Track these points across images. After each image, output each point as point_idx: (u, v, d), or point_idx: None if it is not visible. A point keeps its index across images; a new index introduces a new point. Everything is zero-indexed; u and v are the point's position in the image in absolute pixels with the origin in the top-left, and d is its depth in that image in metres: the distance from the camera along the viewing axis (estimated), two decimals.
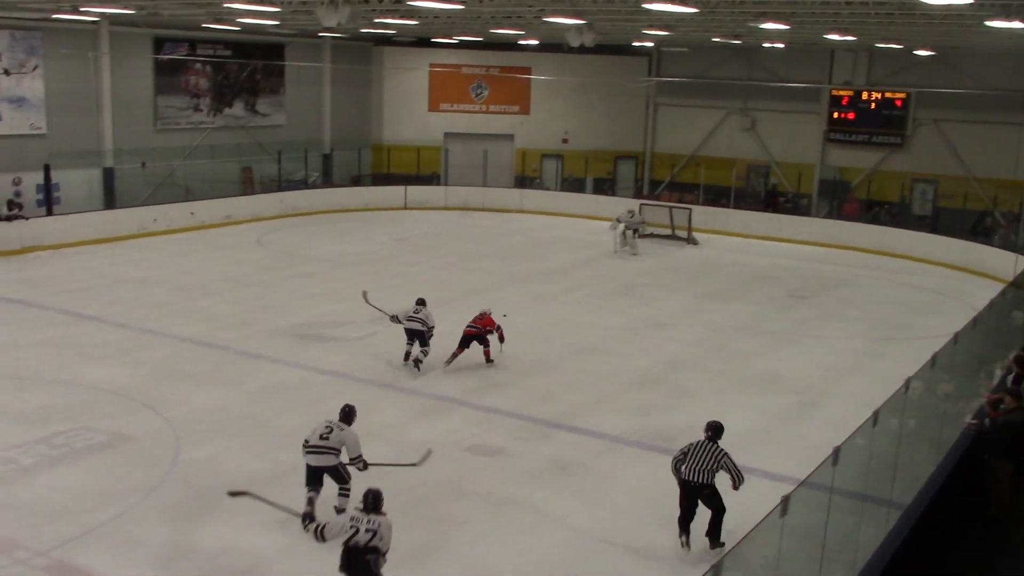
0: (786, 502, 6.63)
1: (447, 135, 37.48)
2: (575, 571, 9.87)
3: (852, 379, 16.58)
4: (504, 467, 12.16)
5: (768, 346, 18.39)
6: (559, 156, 37.75)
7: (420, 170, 36.04)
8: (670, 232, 29.68)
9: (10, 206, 24.47)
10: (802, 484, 7.85)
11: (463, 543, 10.20)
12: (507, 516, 10.86)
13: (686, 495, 10.10)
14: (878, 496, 9.57)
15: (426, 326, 15.45)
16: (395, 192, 33.79)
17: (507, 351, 16.35)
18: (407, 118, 37.81)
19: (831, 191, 34.00)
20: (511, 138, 37.97)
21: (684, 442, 10.64)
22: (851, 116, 33.69)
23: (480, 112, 37.94)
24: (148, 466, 11.71)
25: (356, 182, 35.95)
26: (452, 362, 15.72)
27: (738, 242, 29.82)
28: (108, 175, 28.91)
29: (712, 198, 32.90)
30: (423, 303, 15.80)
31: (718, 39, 27.90)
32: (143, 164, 29.44)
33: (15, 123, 26.46)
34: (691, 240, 29.22)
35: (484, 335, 15.92)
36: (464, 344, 15.76)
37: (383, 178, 36.00)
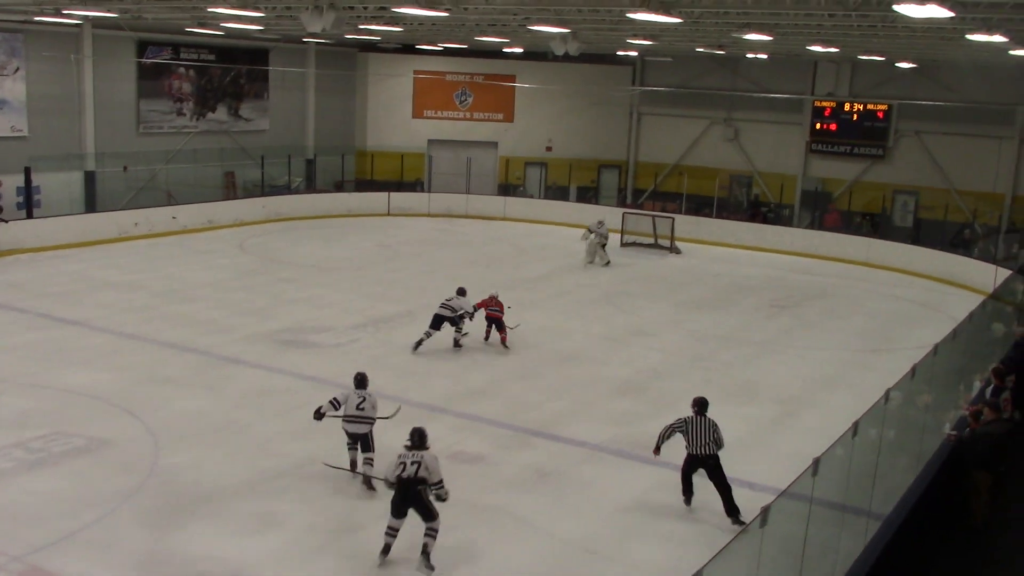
0: (766, 513, 6.64)
1: (431, 142, 37.50)
2: None
3: (833, 389, 16.65)
4: (485, 475, 12.14)
5: (750, 356, 18.44)
6: (543, 164, 37.81)
7: (404, 177, 36.03)
8: (653, 241, 29.75)
9: None
10: (782, 495, 7.85)
11: (442, 551, 10.15)
12: (487, 524, 10.83)
13: (691, 467, 11.26)
14: (858, 507, 9.59)
15: (455, 312, 17.16)
16: (378, 198, 33.74)
17: (488, 359, 16.33)
18: (391, 124, 37.80)
19: (813, 202, 34.17)
20: (495, 145, 38.02)
21: (666, 450, 11.68)
22: (833, 127, 33.90)
23: (464, 119, 37.99)
24: (127, 471, 11.63)
25: (339, 188, 35.90)
26: (458, 343, 17.58)
27: (721, 252, 29.92)
28: (89, 178, 28.76)
29: (695, 207, 32.99)
30: (463, 293, 17.54)
31: (702, 49, 28.03)
32: (125, 168, 29.29)
33: None
34: (674, 249, 29.28)
35: (502, 320, 17.71)
36: (489, 326, 17.84)
37: (366, 184, 35.94)
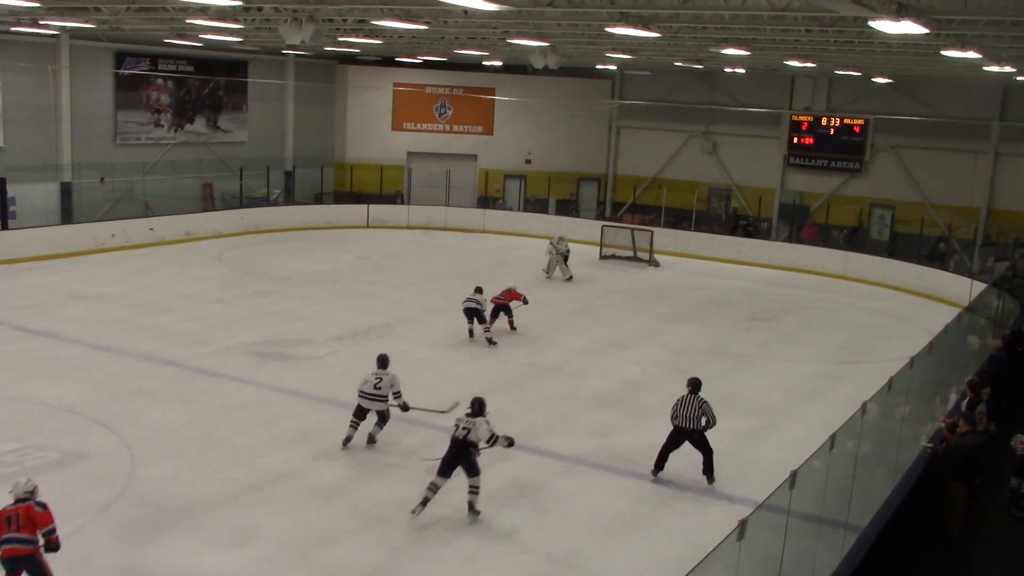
0: (743, 526, 6.65)
1: (410, 154, 37.50)
2: None
3: (811, 402, 16.70)
4: (463, 488, 12.08)
5: (728, 369, 18.47)
6: (522, 177, 37.89)
7: (383, 189, 36.00)
8: (632, 254, 29.82)
9: None
10: (759, 507, 7.87)
11: (421, 565, 10.11)
12: (466, 537, 10.78)
13: (677, 438, 12.40)
14: (835, 519, 9.63)
15: (482, 306, 18.93)
16: (358, 210, 33.68)
17: (467, 371, 16.30)
18: (370, 136, 37.78)
19: (791, 215, 34.39)
20: (474, 158, 38.06)
21: (644, 463, 11.65)
22: (810, 141, 34.16)
23: (444, 132, 38.02)
24: (101, 485, 11.51)
25: (318, 200, 35.83)
26: (491, 327, 19.10)
27: (699, 265, 30.02)
28: (66, 190, 28.58)
29: (674, 221, 33.09)
30: (480, 291, 19.21)
31: (680, 63, 28.19)
32: (102, 179, 29.14)
33: None
34: (652, 262, 29.35)
35: (508, 306, 19.52)
36: (494, 315, 19.29)
37: (346, 196, 35.89)
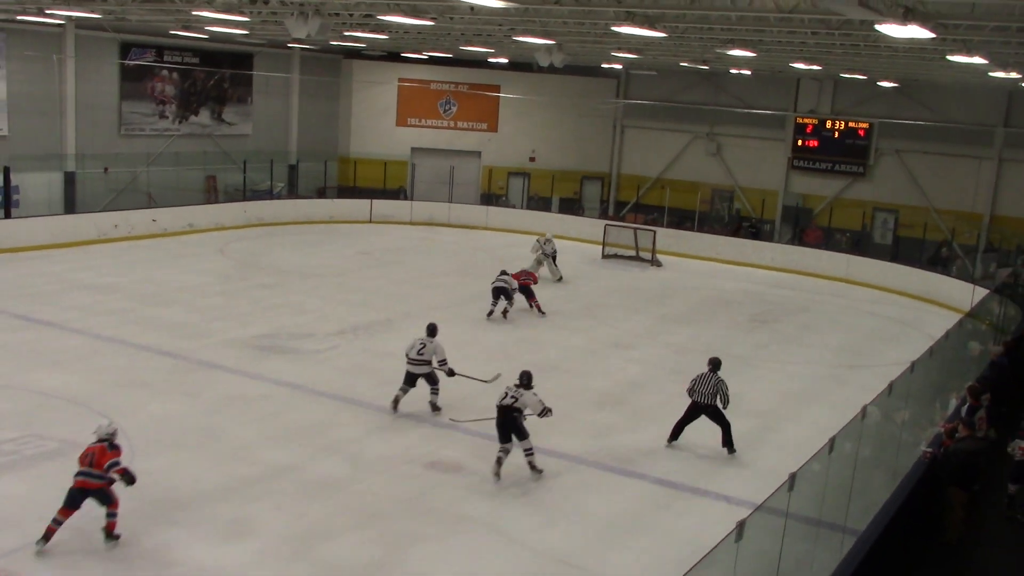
0: (741, 527, 6.64)
1: (414, 150, 37.50)
2: None
3: (811, 405, 16.71)
4: (462, 485, 12.10)
5: (728, 370, 18.23)
6: (526, 174, 37.88)
7: (386, 184, 35.97)
8: (634, 254, 29.81)
9: None
10: (758, 509, 7.87)
11: (419, 561, 10.12)
12: (464, 534, 10.79)
13: (693, 412, 13.51)
14: (833, 522, 9.63)
15: (510, 286, 20.54)
16: (360, 205, 33.67)
17: (470, 369, 16.24)
18: (375, 132, 37.78)
19: (794, 218, 34.37)
20: (478, 155, 38.05)
21: (643, 463, 11.81)
22: (815, 144, 34.13)
23: (448, 128, 38.01)
24: None
25: (321, 194, 35.83)
26: (507, 313, 20.81)
27: (701, 265, 30.00)
28: (69, 179, 28.59)
29: (677, 221, 33.09)
30: (507, 273, 20.92)
31: (686, 64, 28.17)
32: (105, 169, 29.14)
33: None
34: (655, 262, 29.34)
35: (531, 288, 21.29)
36: (508, 298, 20.74)
37: (349, 191, 35.92)
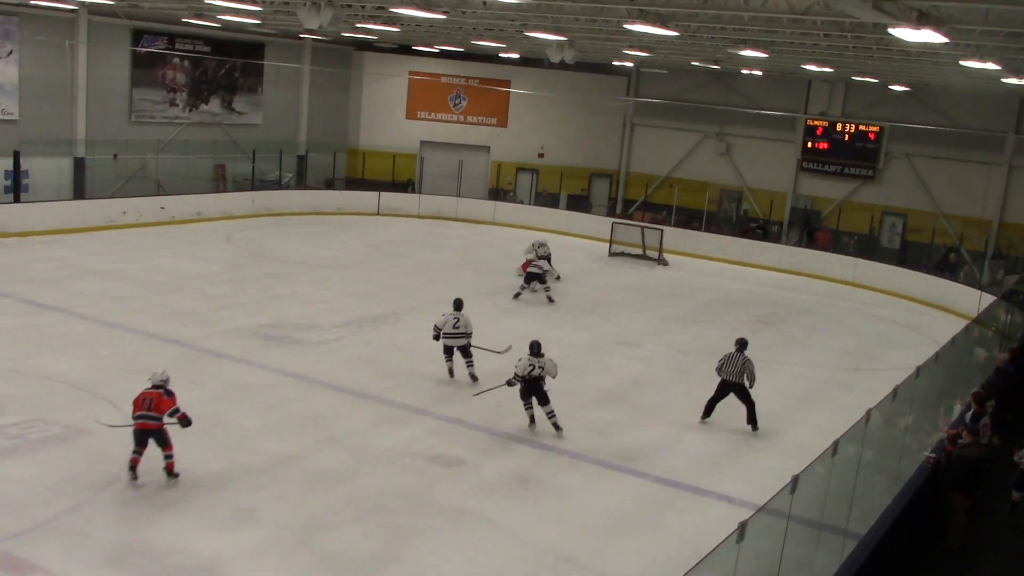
0: (743, 528, 6.64)
1: (423, 143, 37.49)
2: None
3: (815, 407, 16.68)
4: (464, 479, 12.11)
5: None
6: (534, 170, 37.85)
7: (395, 177, 36.01)
8: (641, 252, 29.79)
9: None
10: (759, 510, 7.86)
11: (419, 554, 10.13)
12: (465, 528, 10.80)
13: (722, 390, 14.42)
14: (835, 525, 9.62)
15: (543, 270, 22.35)
16: (369, 197, 33.68)
17: (475, 364, 16.28)
18: (384, 124, 37.78)
19: (802, 220, 34.30)
20: (487, 150, 38.05)
21: (645, 461, 11.81)
22: (825, 146, 34.05)
23: (457, 122, 37.99)
24: (103, 461, 11.52)
25: (330, 185, 35.84)
26: (549, 291, 22.41)
27: (708, 265, 29.97)
28: (79, 165, 28.64)
29: (684, 220, 33.05)
30: (546, 257, 23.76)
31: (697, 63, 28.12)
32: (115, 156, 29.17)
33: None
34: (661, 261, 29.33)
35: (543, 275, 22.40)
36: (541, 281, 22.40)
37: (357, 183, 35.89)
